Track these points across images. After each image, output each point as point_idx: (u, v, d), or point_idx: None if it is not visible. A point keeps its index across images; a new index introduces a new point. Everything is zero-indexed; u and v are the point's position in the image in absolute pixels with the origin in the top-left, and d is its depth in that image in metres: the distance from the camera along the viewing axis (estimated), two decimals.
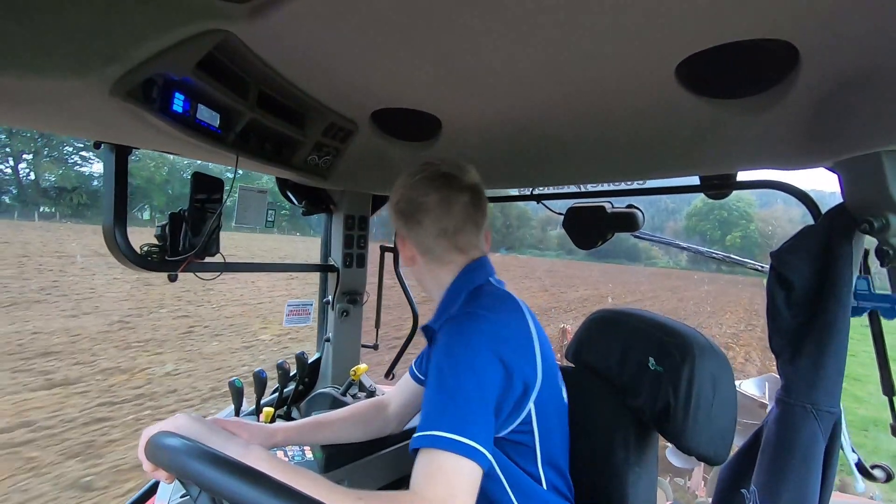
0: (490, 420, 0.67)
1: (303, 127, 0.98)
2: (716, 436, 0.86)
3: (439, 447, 0.61)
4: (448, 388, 0.66)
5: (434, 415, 0.64)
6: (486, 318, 0.74)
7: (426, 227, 0.85)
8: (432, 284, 0.90)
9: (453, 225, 0.85)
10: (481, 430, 0.64)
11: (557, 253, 35.43)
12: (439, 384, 0.67)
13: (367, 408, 1.05)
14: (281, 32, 0.62)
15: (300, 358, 1.49)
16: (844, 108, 0.65)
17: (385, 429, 1.06)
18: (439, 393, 0.66)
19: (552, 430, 0.81)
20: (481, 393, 0.67)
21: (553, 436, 0.81)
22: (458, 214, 0.84)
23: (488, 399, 0.67)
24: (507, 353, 0.71)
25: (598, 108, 0.82)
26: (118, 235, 0.93)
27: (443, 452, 0.61)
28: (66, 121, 0.75)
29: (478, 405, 0.65)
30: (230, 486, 0.47)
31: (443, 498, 0.59)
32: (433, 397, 0.66)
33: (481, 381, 0.67)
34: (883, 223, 0.67)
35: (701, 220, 45.50)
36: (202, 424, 0.67)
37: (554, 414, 0.82)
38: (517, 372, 0.72)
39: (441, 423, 0.63)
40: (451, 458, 0.61)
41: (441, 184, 0.84)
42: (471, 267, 0.87)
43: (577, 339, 1.11)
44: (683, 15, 0.52)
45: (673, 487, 2.84)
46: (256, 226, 1.24)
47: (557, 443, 0.83)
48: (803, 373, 0.75)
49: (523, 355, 0.75)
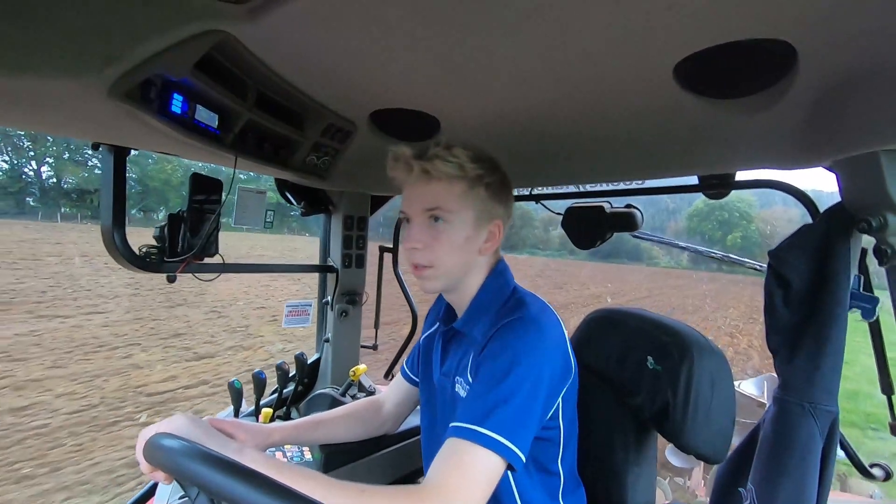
0: (534, 424, 0.68)
1: (301, 127, 0.98)
2: (714, 435, 0.86)
3: (476, 441, 0.62)
4: (502, 392, 0.66)
5: (482, 412, 0.65)
6: (546, 324, 0.74)
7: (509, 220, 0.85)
8: (470, 277, 0.83)
9: None
10: (525, 434, 0.65)
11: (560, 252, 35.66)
12: (498, 384, 0.67)
13: (363, 407, 1.06)
14: (279, 33, 0.62)
15: (299, 358, 1.49)
16: (842, 107, 0.65)
17: (381, 428, 1.07)
18: (495, 392, 0.66)
19: (572, 423, 0.83)
20: (533, 401, 0.67)
21: (573, 430, 0.84)
22: None
23: (538, 406, 0.69)
24: (559, 356, 0.74)
25: (597, 108, 0.82)
26: (116, 236, 0.93)
27: (476, 446, 0.62)
28: (63, 122, 0.75)
29: (527, 411, 0.67)
30: (228, 487, 0.47)
31: (460, 487, 0.60)
32: (484, 395, 0.67)
33: (536, 390, 0.68)
34: (881, 222, 0.67)
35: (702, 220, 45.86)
36: (199, 425, 0.67)
37: (573, 409, 0.84)
38: (563, 372, 0.75)
39: (489, 422, 0.63)
40: (483, 452, 0.62)
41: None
42: (501, 268, 0.85)
43: (576, 338, 1.11)
44: (682, 15, 0.52)
45: (672, 487, 2.84)
46: (255, 226, 1.24)
47: (575, 440, 0.85)
48: (801, 371, 0.75)
49: (566, 355, 0.78)
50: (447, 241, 0.77)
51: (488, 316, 0.79)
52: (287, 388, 1.47)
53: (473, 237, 0.79)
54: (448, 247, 0.77)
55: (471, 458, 0.62)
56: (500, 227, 0.82)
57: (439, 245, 0.77)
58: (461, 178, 0.76)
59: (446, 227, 0.77)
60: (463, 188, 0.77)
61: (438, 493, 0.59)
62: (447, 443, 0.65)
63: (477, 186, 0.78)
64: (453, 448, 0.64)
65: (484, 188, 0.78)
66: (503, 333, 0.72)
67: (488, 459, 0.62)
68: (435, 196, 0.77)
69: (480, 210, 0.79)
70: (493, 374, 0.68)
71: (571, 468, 0.86)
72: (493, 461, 0.62)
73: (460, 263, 0.79)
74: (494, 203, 0.80)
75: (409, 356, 1.09)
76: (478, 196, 0.78)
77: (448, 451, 0.64)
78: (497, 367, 0.69)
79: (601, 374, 1.02)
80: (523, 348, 0.70)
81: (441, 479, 0.61)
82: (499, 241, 0.83)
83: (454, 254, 0.78)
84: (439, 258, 0.78)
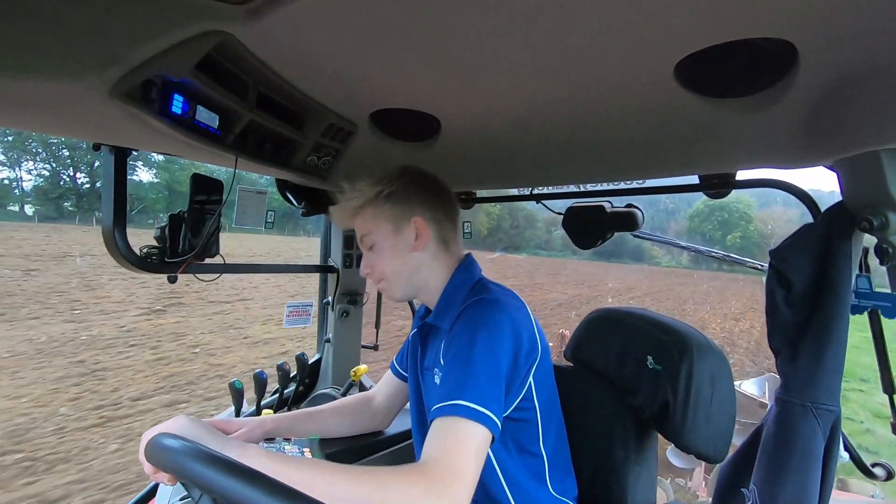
0: (502, 394, 0.72)
1: (302, 128, 0.98)
2: (715, 434, 0.86)
3: (458, 415, 0.65)
4: (473, 365, 0.70)
5: (458, 387, 0.68)
6: (506, 303, 0.79)
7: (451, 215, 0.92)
8: (428, 276, 0.90)
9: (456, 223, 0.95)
10: (497, 401, 0.69)
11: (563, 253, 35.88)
12: (463, 361, 0.71)
13: (355, 402, 1.10)
14: (279, 33, 0.62)
15: (300, 359, 1.49)
16: (843, 106, 0.65)
17: (372, 422, 1.10)
18: (463, 368, 0.70)
19: (550, 406, 0.85)
20: (501, 369, 0.72)
21: (552, 413, 0.85)
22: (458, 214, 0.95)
23: (506, 374, 0.73)
24: (522, 331, 0.77)
25: (598, 108, 0.82)
26: (118, 237, 0.93)
27: (460, 419, 0.65)
28: (65, 123, 0.75)
29: (497, 380, 0.71)
30: (231, 487, 0.47)
31: (454, 462, 0.61)
32: (457, 372, 0.70)
33: (502, 359, 0.73)
34: (882, 221, 0.67)
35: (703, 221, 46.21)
36: (201, 426, 0.68)
37: (551, 392, 0.87)
38: (528, 345, 0.77)
39: (465, 393, 0.66)
40: (466, 424, 0.64)
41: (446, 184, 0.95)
42: (468, 262, 0.92)
43: (576, 338, 1.11)
44: (682, 14, 0.52)
45: (674, 488, 2.84)
46: (256, 227, 1.24)
47: (556, 423, 0.87)
48: (803, 371, 0.75)
49: (532, 334, 0.80)
50: (380, 255, 0.89)
51: (455, 307, 0.84)
52: (288, 389, 1.47)
53: (399, 242, 0.88)
54: (383, 260, 0.89)
55: (456, 431, 0.65)
56: (421, 223, 0.88)
57: (378, 261, 0.89)
58: (365, 203, 0.88)
59: (375, 246, 0.89)
60: (371, 210, 0.88)
61: (435, 467, 0.61)
62: (433, 425, 0.67)
63: (379, 202, 0.88)
64: (438, 427, 0.66)
65: (384, 199, 0.88)
66: (465, 314, 0.78)
67: (472, 429, 0.65)
68: (359, 227, 0.91)
69: (392, 218, 0.88)
70: (461, 350, 0.72)
71: (558, 453, 0.87)
72: (476, 430, 0.65)
73: (401, 268, 0.89)
74: (403, 206, 0.88)
75: (399, 352, 1.11)
76: (384, 209, 0.88)
77: (435, 431, 0.66)
78: (463, 344, 0.73)
79: (601, 374, 1.02)
80: (483, 322, 0.74)
81: (434, 455, 0.63)
82: (429, 236, 0.88)
83: (390, 262, 0.88)
84: (383, 271, 0.89)
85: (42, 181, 32.52)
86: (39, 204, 30.72)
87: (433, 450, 0.64)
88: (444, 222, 0.90)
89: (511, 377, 0.75)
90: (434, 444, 0.64)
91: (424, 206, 0.89)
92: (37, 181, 32.56)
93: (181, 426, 0.66)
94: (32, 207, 31.39)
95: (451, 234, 0.92)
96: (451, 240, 0.92)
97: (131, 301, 9.07)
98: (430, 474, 0.60)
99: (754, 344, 9.75)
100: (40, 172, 32.72)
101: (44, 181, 32.53)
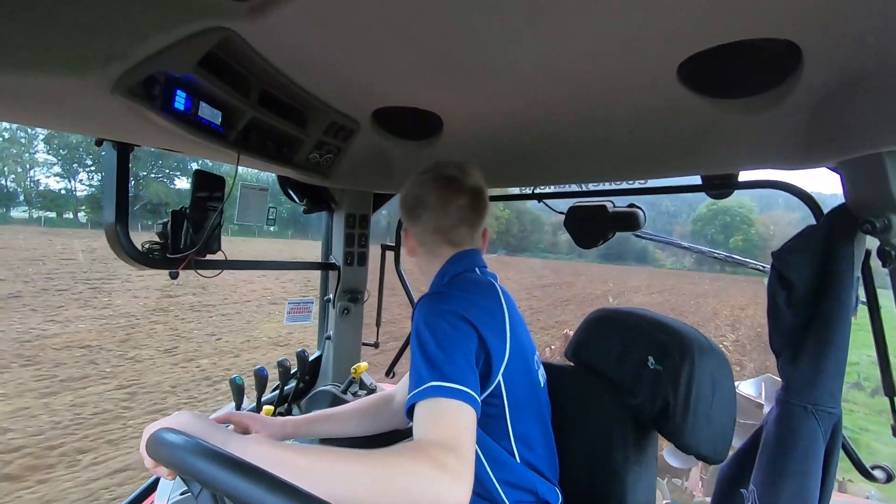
0: (474, 372, 0.71)
1: (304, 125, 0.98)
2: (715, 435, 0.86)
3: (437, 395, 0.64)
4: (430, 350, 0.70)
5: (423, 374, 0.67)
6: (452, 295, 0.80)
7: (424, 222, 0.91)
8: (427, 273, 0.95)
9: (448, 223, 0.90)
10: (468, 377, 0.68)
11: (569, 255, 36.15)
12: (421, 349, 0.71)
13: (375, 401, 1.09)
14: (282, 31, 0.62)
15: (301, 356, 1.50)
16: (847, 108, 0.65)
17: (392, 421, 1.09)
18: (423, 355, 0.70)
19: (523, 407, 0.83)
20: (461, 349, 0.71)
21: (524, 414, 0.83)
22: (454, 214, 0.90)
23: (468, 354, 0.72)
24: (476, 320, 0.75)
25: (600, 108, 0.82)
26: (120, 233, 0.93)
27: (441, 399, 0.64)
28: (68, 118, 0.75)
29: (460, 359, 0.70)
30: (231, 483, 0.47)
31: (449, 438, 0.61)
32: (418, 362, 0.70)
33: (458, 341, 0.72)
34: (885, 223, 0.67)
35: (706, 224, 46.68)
36: (204, 421, 0.68)
37: (526, 393, 0.84)
38: (488, 339, 0.76)
39: (431, 376, 0.66)
40: (450, 403, 0.64)
41: (442, 185, 0.89)
42: (458, 256, 0.91)
43: (577, 338, 1.11)
44: (685, 14, 0.51)
45: (670, 488, 2.84)
46: (257, 224, 1.24)
47: (533, 425, 0.85)
48: (804, 373, 0.75)
49: (493, 328, 0.78)
50: None
51: None
52: (288, 385, 1.47)
53: (407, 241, 0.97)
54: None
55: (440, 409, 0.64)
56: (407, 237, 0.97)
57: None
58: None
59: None
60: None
61: (431, 444, 0.61)
62: (415, 411, 0.66)
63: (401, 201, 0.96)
64: (422, 410, 0.66)
65: (401, 202, 0.96)
66: (419, 306, 0.79)
67: (454, 406, 0.64)
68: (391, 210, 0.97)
69: (404, 219, 0.97)
70: (416, 340, 0.73)
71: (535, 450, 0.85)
72: (458, 406, 0.64)
73: (415, 260, 0.98)
74: (408, 212, 0.94)
75: None
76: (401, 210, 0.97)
77: (419, 415, 0.66)
78: (416, 334, 0.74)
79: (601, 374, 1.02)
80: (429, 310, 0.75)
81: (428, 434, 0.63)
82: (413, 249, 0.96)
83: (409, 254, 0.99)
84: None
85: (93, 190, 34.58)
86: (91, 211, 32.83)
87: (425, 430, 0.63)
88: (422, 233, 0.93)
89: (477, 357, 0.74)
90: (423, 425, 0.64)
91: (407, 219, 0.94)
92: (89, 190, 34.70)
93: (184, 422, 0.66)
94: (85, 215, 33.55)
95: (431, 236, 0.92)
96: (432, 243, 0.92)
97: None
98: (431, 450, 0.59)
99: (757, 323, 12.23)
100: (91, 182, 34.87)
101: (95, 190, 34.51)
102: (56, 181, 35.00)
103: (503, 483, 0.80)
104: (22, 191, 33.80)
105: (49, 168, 34.50)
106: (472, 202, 0.90)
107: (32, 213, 33.17)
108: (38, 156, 33.99)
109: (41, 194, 33.98)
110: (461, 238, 0.91)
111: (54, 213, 33.86)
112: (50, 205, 33.97)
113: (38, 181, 34.78)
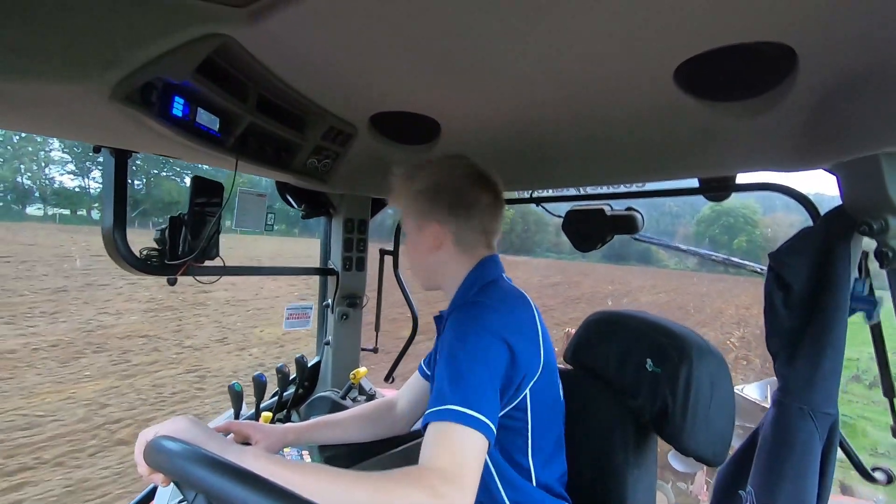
0: (496, 398, 0.70)
1: (302, 131, 0.98)
2: (714, 437, 0.86)
3: (450, 419, 0.64)
4: (459, 368, 0.69)
5: (446, 391, 0.67)
6: (495, 308, 0.78)
7: (473, 221, 0.87)
8: (448, 273, 0.90)
9: (494, 228, 0.91)
10: (489, 405, 0.67)
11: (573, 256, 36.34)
12: (450, 365, 0.70)
13: (376, 407, 1.08)
14: (280, 36, 0.63)
15: (299, 361, 1.49)
16: (843, 110, 0.65)
17: (394, 427, 1.08)
18: (450, 372, 0.69)
19: (546, 422, 0.83)
20: (489, 373, 0.70)
21: (546, 429, 0.83)
22: (499, 221, 0.92)
23: (495, 379, 0.71)
24: (512, 338, 0.74)
25: (597, 111, 0.82)
26: (118, 239, 0.93)
27: (453, 424, 0.64)
28: (65, 125, 0.76)
29: (486, 384, 0.69)
30: (227, 490, 0.46)
31: (452, 467, 0.61)
32: (444, 376, 0.69)
33: (489, 363, 0.71)
34: (882, 225, 0.67)
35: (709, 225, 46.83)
36: (200, 428, 0.67)
37: (550, 408, 0.84)
38: (522, 357, 0.75)
39: (453, 398, 0.66)
40: (461, 430, 0.64)
41: (488, 186, 0.89)
42: (486, 261, 0.89)
43: (576, 340, 1.11)
44: (682, 18, 0.52)
45: (675, 492, 2.82)
46: (256, 229, 1.24)
47: (550, 439, 0.85)
48: (800, 374, 0.74)
49: (528, 344, 0.78)
50: (407, 246, 0.93)
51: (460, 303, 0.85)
52: (287, 391, 1.47)
53: (420, 240, 0.89)
54: (409, 251, 0.94)
55: (450, 436, 0.64)
56: (439, 230, 0.86)
57: (407, 250, 0.93)
58: (400, 190, 0.90)
59: (405, 235, 0.92)
60: (403, 200, 0.91)
61: (434, 472, 0.60)
62: (427, 429, 0.66)
63: (411, 194, 0.88)
64: (433, 432, 0.65)
65: (415, 194, 0.88)
66: (454, 316, 0.78)
67: (466, 434, 0.64)
68: (396, 208, 0.95)
69: (418, 215, 0.88)
70: (447, 354, 0.72)
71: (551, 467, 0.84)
72: (470, 435, 0.64)
73: (422, 263, 0.92)
74: (431, 206, 0.87)
75: (427, 355, 1.09)
76: (412, 204, 0.89)
77: (430, 436, 0.65)
78: (449, 347, 0.73)
79: (601, 376, 1.02)
80: (468, 327, 0.74)
81: (432, 460, 0.62)
82: (440, 244, 0.87)
83: (413, 255, 0.93)
84: (410, 260, 0.95)
85: None
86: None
87: (430, 455, 0.63)
88: (467, 231, 0.87)
89: (506, 381, 0.73)
90: (430, 449, 0.64)
91: (447, 212, 0.85)
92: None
93: (180, 428, 0.65)
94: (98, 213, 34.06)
95: (477, 236, 0.88)
96: (475, 243, 0.88)
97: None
98: (430, 479, 0.59)
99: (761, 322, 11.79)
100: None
101: None
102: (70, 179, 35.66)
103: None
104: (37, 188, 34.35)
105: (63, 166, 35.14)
106: (503, 212, 0.94)
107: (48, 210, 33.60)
108: (54, 153, 34.64)
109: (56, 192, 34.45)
110: (496, 243, 0.93)
111: (68, 211, 34.34)
112: (64, 202, 34.50)
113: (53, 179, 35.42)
